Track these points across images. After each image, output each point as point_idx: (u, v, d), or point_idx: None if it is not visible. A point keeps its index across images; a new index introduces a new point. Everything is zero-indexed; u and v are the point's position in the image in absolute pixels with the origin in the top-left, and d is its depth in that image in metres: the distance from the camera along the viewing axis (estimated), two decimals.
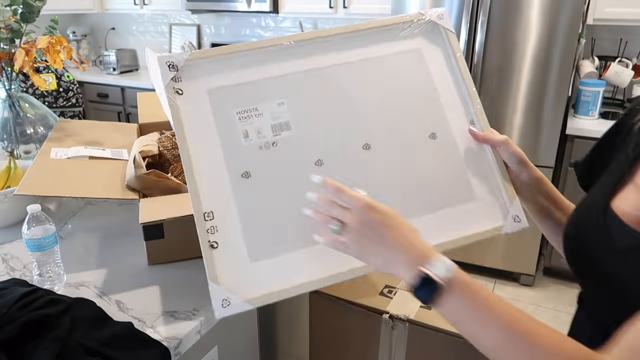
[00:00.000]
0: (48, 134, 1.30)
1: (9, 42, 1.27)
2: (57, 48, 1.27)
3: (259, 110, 0.74)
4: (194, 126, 0.72)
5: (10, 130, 1.38)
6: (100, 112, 3.53)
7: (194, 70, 0.74)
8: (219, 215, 0.70)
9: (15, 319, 0.71)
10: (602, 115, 2.30)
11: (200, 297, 0.87)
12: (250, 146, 0.73)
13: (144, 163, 1.06)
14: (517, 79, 2.17)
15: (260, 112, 0.74)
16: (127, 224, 1.15)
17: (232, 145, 0.72)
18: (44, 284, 0.88)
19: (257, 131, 0.73)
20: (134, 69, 3.67)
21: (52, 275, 0.89)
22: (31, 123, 1.41)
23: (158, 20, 3.82)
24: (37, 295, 0.76)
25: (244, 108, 0.74)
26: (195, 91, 0.73)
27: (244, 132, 0.73)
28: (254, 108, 0.74)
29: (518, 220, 0.77)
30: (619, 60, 2.32)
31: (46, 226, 0.87)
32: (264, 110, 0.74)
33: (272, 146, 0.73)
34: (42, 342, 0.70)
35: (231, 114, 0.73)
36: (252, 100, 0.75)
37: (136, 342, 0.74)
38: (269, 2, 2.85)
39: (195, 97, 0.73)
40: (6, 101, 1.38)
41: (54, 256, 0.89)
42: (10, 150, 1.29)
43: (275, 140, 0.74)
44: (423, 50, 0.83)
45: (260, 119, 0.74)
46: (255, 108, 0.74)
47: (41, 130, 1.41)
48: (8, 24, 1.25)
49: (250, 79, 0.76)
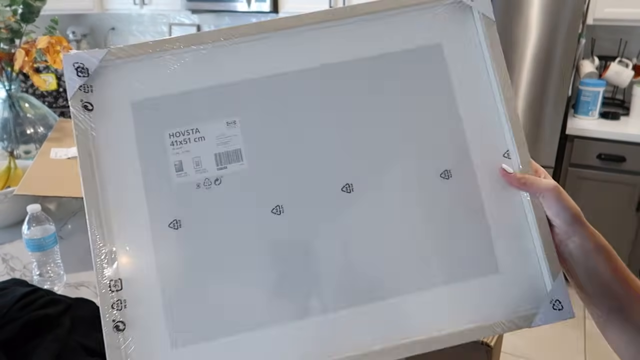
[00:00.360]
0: (48, 134, 1.30)
1: (9, 42, 1.27)
2: (57, 48, 1.28)
3: (200, 132, 0.55)
4: (107, 154, 0.54)
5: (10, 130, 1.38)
6: None
7: (112, 74, 0.55)
8: (132, 282, 0.52)
9: (15, 319, 0.71)
10: (602, 115, 2.30)
11: None
12: (184, 183, 0.54)
13: None
14: (517, 79, 2.18)
15: (201, 135, 0.55)
16: None
17: (158, 181, 0.54)
18: (44, 284, 0.88)
19: (195, 162, 0.55)
20: None
21: (52, 275, 0.89)
22: (31, 123, 1.41)
23: (158, 20, 3.82)
24: (37, 296, 0.76)
25: (179, 129, 0.55)
26: (113, 105, 0.55)
27: (177, 163, 0.55)
28: (193, 129, 0.55)
29: (559, 308, 0.54)
30: (619, 60, 2.32)
31: (46, 226, 0.87)
32: (206, 132, 0.55)
33: (214, 184, 0.55)
34: (42, 342, 0.70)
35: (162, 136, 0.55)
36: (191, 117, 0.55)
37: None
38: (269, 2, 2.86)
39: (112, 113, 0.55)
40: (6, 101, 1.38)
41: (54, 256, 0.89)
42: (10, 150, 1.29)
43: (219, 176, 0.55)
44: (444, 47, 0.58)
45: (200, 144, 0.55)
46: (196, 129, 0.55)
47: (41, 130, 1.41)
48: (8, 24, 1.25)
49: (191, 88, 0.56)
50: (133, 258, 0.53)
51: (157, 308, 0.52)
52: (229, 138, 0.56)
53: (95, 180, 0.54)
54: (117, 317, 0.51)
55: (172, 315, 0.52)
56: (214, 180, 0.55)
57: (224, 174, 0.55)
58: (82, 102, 0.54)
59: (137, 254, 0.53)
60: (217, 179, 0.55)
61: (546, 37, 2.08)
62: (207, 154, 0.55)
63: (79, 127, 0.54)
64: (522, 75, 2.16)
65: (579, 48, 2.22)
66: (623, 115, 2.30)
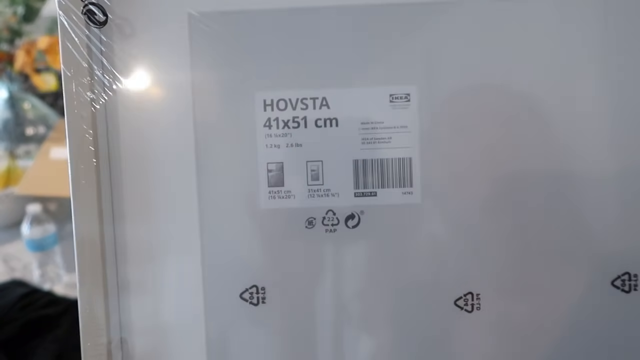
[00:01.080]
0: (48, 134, 1.30)
1: (9, 42, 1.27)
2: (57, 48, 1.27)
3: (329, 106, 0.31)
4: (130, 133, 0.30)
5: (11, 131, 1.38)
6: None
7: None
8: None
9: (15, 320, 0.71)
10: None
11: None
12: (282, 211, 0.31)
13: None
14: None
15: (331, 115, 0.31)
16: None
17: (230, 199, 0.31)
18: (44, 285, 0.88)
19: (311, 172, 0.31)
20: None
21: (52, 276, 0.89)
22: (31, 123, 1.41)
23: None
24: (37, 296, 0.76)
25: (285, 95, 0.30)
26: (150, 14, 0.29)
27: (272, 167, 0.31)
28: (315, 98, 0.31)
29: None
30: None
31: (46, 226, 0.87)
32: (341, 110, 0.31)
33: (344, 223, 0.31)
34: (42, 343, 0.70)
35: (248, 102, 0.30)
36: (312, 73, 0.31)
37: None
38: None
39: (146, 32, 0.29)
40: (6, 101, 1.38)
41: (54, 256, 0.89)
42: (10, 150, 1.29)
43: (358, 209, 0.32)
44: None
45: (326, 134, 0.31)
46: (323, 99, 0.31)
47: (41, 130, 1.41)
48: (8, 25, 1.25)
49: (318, 3, 0.30)
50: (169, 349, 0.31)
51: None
52: (390, 131, 0.31)
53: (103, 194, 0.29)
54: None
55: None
56: (344, 218, 0.31)
57: (368, 206, 0.31)
58: (84, 3, 0.27)
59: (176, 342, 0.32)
60: (353, 214, 0.31)
61: None
62: (339, 159, 0.31)
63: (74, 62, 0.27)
64: None
65: None
66: None
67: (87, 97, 0.27)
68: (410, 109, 0.30)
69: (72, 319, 0.74)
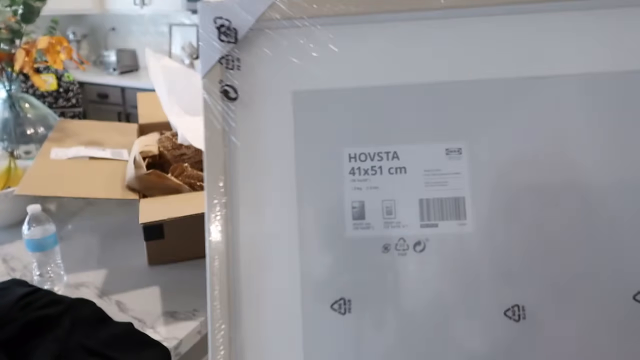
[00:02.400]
0: (48, 134, 1.30)
1: (9, 42, 1.27)
2: (57, 48, 1.27)
3: (399, 158, 0.38)
4: (252, 172, 0.37)
5: (11, 131, 1.38)
6: (100, 113, 3.53)
7: (271, 45, 0.36)
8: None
9: (15, 320, 0.71)
10: None
11: (200, 297, 0.87)
12: (364, 240, 0.38)
13: (144, 163, 1.06)
14: None
15: (401, 165, 0.38)
16: (127, 224, 1.15)
17: (323, 231, 0.38)
18: (44, 285, 0.88)
19: (385, 208, 0.38)
20: (134, 69, 3.67)
21: (52, 276, 0.89)
22: (31, 123, 1.41)
23: (158, 21, 3.82)
24: (37, 296, 0.76)
25: (367, 149, 0.37)
26: (268, 95, 0.38)
27: (355, 205, 0.38)
28: (389, 153, 0.37)
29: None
30: None
31: (46, 226, 0.87)
32: (410, 160, 0.38)
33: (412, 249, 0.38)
34: (42, 343, 0.70)
35: (337, 157, 0.38)
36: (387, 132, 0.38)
37: (136, 343, 0.74)
38: None
39: (265, 108, 0.38)
40: (6, 101, 1.38)
41: (54, 256, 0.89)
42: (11, 150, 1.29)
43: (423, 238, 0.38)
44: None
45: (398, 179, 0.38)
46: (394, 153, 0.37)
47: (41, 130, 1.41)
48: (8, 25, 1.25)
49: (389, 82, 0.38)
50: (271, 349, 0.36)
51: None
52: (446, 176, 0.38)
53: (227, 220, 0.36)
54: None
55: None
56: (413, 244, 0.38)
57: (432, 234, 0.38)
58: (221, 85, 0.36)
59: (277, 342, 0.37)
60: (420, 241, 0.38)
61: None
62: (407, 198, 0.38)
63: (212, 124, 0.36)
64: None
65: None
66: None
67: (221, 149, 0.37)
68: (462, 160, 0.38)
69: (72, 319, 0.74)
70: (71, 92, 2.48)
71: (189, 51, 3.54)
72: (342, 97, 0.38)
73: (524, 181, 0.39)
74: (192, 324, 0.80)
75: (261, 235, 0.38)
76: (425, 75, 0.37)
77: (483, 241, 0.38)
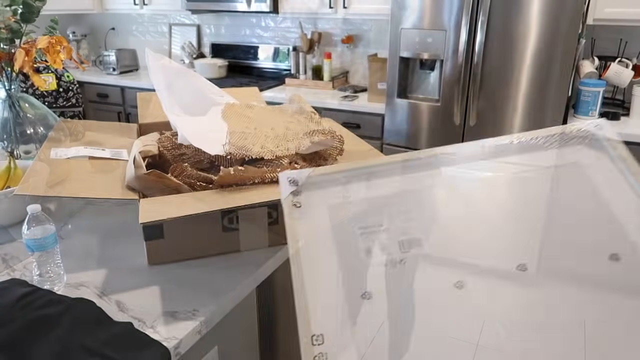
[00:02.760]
0: (48, 134, 1.30)
1: (9, 42, 1.27)
2: (57, 48, 1.27)
3: (383, 225, 0.69)
4: (311, 240, 0.67)
5: (10, 131, 1.38)
6: (100, 112, 3.53)
7: (314, 184, 0.70)
8: (331, 340, 0.60)
9: (15, 319, 0.71)
10: (602, 115, 2.29)
11: (200, 297, 0.87)
12: (373, 263, 0.67)
13: (144, 163, 1.06)
14: (517, 79, 2.17)
15: (386, 227, 0.69)
16: (127, 224, 1.15)
17: (352, 262, 0.66)
18: (44, 284, 0.88)
19: (381, 247, 0.67)
20: (133, 69, 3.67)
21: (52, 276, 0.89)
22: (31, 123, 1.41)
23: (158, 20, 3.82)
24: (37, 296, 0.76)
25: (367, 224, 0.68)
26: (315, 205, 0.69)
27: (366, 248, 0.67)
28: (378, 224, 0.69)
29: None
30: (619, 60, 2.32)
31: (46, 226, 0.87)
32: (390, 225, 0.69)
33: (398, 264, 0.66)
34: (42, 343, 0.70)
35: (353, 229, 0.68)
36: (377, 215, 0.69)
37: (136, 342, 0.74)
38: (268, 2, 2.85)
39: (314, 211, 0.69)
40: (6, 101, 1.38)
41: (54, 256, 0.89)
42: (10, 150, 1.29)
43: (403, 258, 0.66)
44: (583, 163, 0.70)
45: (385, 234, 0.68)
46: (380, 224, 0.69)
47: (41, 130, 1.41)
48: (8, 24, 1.25)
49: (376, 194, 0.70)
50: (333, 320, 0.62)
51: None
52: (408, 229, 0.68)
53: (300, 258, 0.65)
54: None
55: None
56: (399, 261, 0.66)
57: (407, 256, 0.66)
58: (292, 202, 0.69)
59: (336, 318, 0.63)
60: (402, 259, 0.66)
61: (546, 37, 2.08)
62: (392, 241, 0.67)
63: (291, 219, 0.68)
64: (522, 75, 2.16)
65: (579, 48, 2.21)
66: (623, 116, 2.30)
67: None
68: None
69: (72, 319, 0.74)
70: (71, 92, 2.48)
71: (189, 51, 3.54)
72: (355, 203, 0.70)
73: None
74: (192, 323, 0.80)
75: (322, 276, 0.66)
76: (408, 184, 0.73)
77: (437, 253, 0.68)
